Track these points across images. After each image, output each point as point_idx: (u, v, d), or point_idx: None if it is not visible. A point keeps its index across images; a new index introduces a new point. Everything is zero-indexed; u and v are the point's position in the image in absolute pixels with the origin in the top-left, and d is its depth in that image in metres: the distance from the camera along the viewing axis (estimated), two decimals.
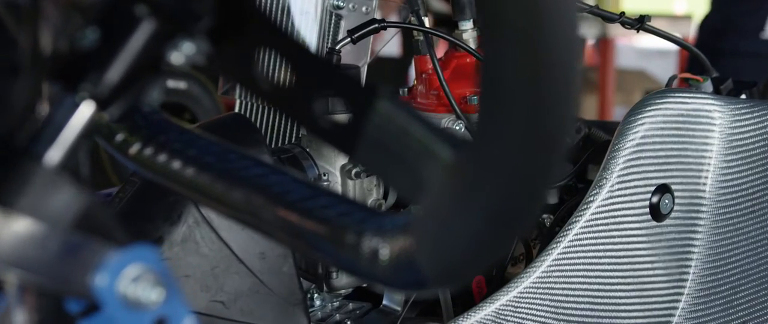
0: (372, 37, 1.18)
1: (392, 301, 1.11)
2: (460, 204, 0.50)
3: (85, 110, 0.53)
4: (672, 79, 1.22)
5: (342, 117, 0.54)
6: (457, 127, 1.08)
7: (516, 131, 0.45)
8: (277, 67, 0.54)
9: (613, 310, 1.06)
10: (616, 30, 3.79)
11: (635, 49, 7.18)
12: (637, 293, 1.07)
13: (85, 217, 0.54)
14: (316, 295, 1.11)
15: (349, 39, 1.07)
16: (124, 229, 0.92)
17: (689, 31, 3.49)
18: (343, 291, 1.09)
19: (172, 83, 2.33)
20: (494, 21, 0.44)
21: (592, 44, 4.88)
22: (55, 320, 0.60)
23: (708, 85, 1.22)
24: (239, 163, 0.65)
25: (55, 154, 0.53)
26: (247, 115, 1.23)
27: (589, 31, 3.96)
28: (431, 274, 0.55)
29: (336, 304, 1.12)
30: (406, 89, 1.18)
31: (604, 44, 3.71)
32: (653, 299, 1.08)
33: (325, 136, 0.55)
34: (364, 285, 1.09)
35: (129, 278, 0.52)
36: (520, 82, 0.44)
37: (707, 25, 2.76)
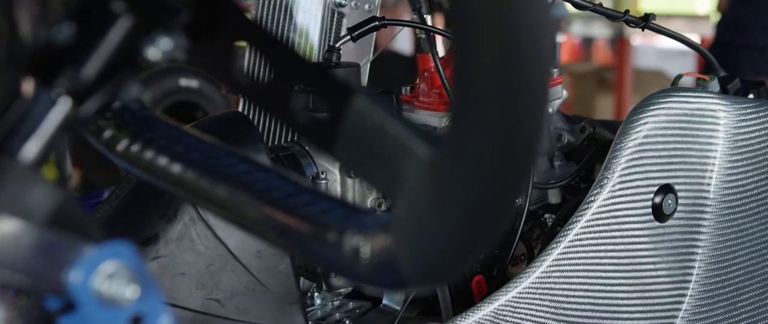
0: (375, 34, 1.17)
1: (392, 300, 1.10)
2: (434, 203, 0.49)
3: (62, 106, 0.53)
4: (678, 78, 1.20)
5: (321, 114, 0.53)
6: None
7: (486, 130, 0.45)
8: (255, 62, 0.54)
9: (615, 311, 1.05)
10: (634, 30, 3.76)
11: (656, 49, 7.14)
12: (639, 295, 1.06)
13: (60, 213, 0.53)
14: (316, 294, 1.11)
15: (348, 37, 1.06)
16: (119, 227, 0.92)
17: (709, 31, 3.47)
18: (342, 290, 1.08)
19: (184, 81, 2.34)
20: (464, 18, 0.43)
21: (608, 44, 4.86)
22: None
23: (715, 85, 1.21)
24: (225, 160, 0.64)
25: (31, 150, 0.53)
26: (251, 112, 1.22)
27: (605, 30, 3.94)
28: (410, 273, 0.55)
29: (336, 303, 1.11)
30: (409, 87, 1.17)
31: (621, 44, 3.69)
32: (656, 301, 1.07)
33: (303, 133, 0.54)
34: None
35: (104, 275, 0.52)
36: (491, 80, 0.44)
37: (725, 21, 2.75)
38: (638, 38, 4.88)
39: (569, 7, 1.17)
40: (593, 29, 4.49)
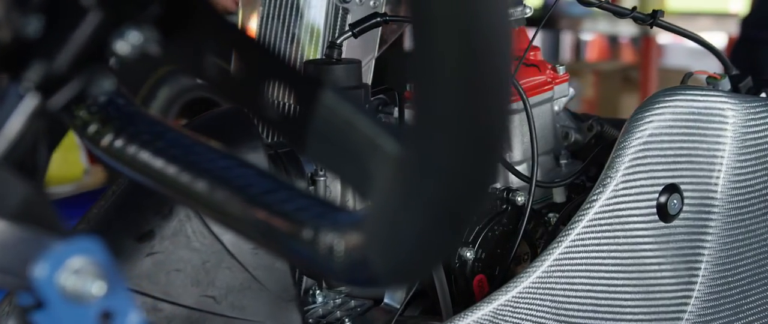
0: (380, 30, 1.17)
1: (393, 299, 1.09)
2: (400, 201, 0.49)
3: (30, 100, 0.52)
4: (687, 76, 1.18)
5: (291, 109, 0.52)
6: None
7: (447, 126, 0.44)
8: (226, 57, 0.53)
9: (618, 313, 1.03)
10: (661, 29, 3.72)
11: (685, 48, 7.06)
12: (643, 296, 1.05)
13: (27, 208, 0.53)
14: (318, 292, 1.10)
15: (350, 33, 1.06)
16: (114, 223, 0.92)
17: (735, 29, 3.43)
18: (343, 288, 1.07)
19: None
20: (420, 12, 0.42)
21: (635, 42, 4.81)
22: None
23: (725, 83, 1.19)
24: (205, 156, 0.64)
25: None
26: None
27: (631, 29, 3.91)
28: (381, 271, 0.54)
29: (338, 301, 1.10)
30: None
31: (646, 43, 3.65)
32: (660, 302, 1.06)
33: (275, 128, 0.54)
34: None
35: (70, 270, 0.52)
36: (448, 76, 0.43)
37: (750, 17, 2.73)
38: (667, 37, 4.83)
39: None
40: (619, 27, 4.46)
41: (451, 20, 0.42)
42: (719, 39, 4.13)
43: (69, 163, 2.21)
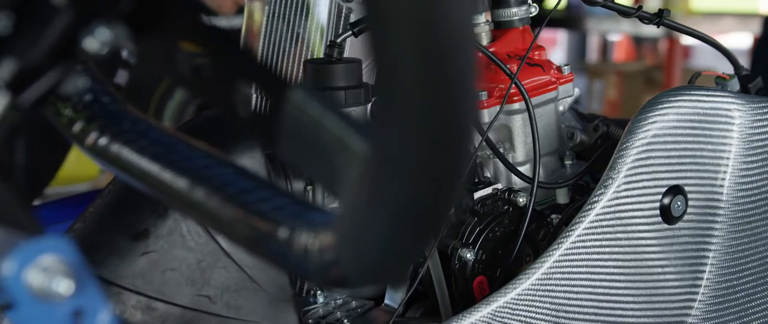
0: None
1: (393, 299, 1.09)
2: (367, 201, 0.48)
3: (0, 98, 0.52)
4: (695, 76, 1.17)
5: (262, 108, 0.52)
6: None
7: (406, 127, 0.43)
8: (197, 55, 0.53)
9: (620, 316, 1.02)
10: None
11: (713, 49, 7.00)
12: (646, 299, 1.03)
13: None
14: (318, 292, 1.10)
15: (350, 32, 1.05)
16: (110, 222, 0.92)
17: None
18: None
19: None
20: (378, 11, 0.41)
21: (662, 42, 4.77)
22: None
23: (734, 84, 1.17)
24: (187, 154, 0.64)
25: None
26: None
27: (657, 29, 3.87)
28: (352, 272, 0.53)
29: (339, 301, 1.10)
30: None
31: (670, 43, 3.62)
32: (663, 306, 1.04)
33: (246, 127, 0.53)
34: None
35: (38, 269, 0.51)
36: (408, 75, 0.42)
37: None
38: (693, 38, 4.77)
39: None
40: (646, 28, 4.42)
41: (412, 19, 0.41)
42: (744, 39, 4.08)
43: (84, 162, 2.22)
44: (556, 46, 8.04)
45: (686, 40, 3.98)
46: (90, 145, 0.69)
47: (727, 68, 1.20)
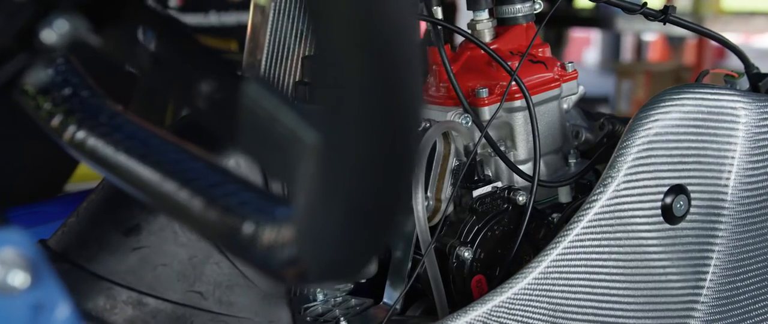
0: None
1: (391, 298, 1.08)
2: (318, 196, 0.47)
3: None
4: (703, 74, 1.15)
5: (220, 100, 0.51)
6: (464, 121, 1.05)
7: (351, 119, 0.42)
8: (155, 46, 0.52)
9: (620, 316, 1.00)
10: (718, 30, 3.63)
11: (752, 49, 6.93)
12: (647, 299, 1.01)
13: None
14: (318, 290, 1.09)
15: None
16: (102, 217, 0.92)
17: None
18: (341, 286, 1.06)
19: None
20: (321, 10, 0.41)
21: (695, 43, 4.72)
22: None
23: (744, 82, 1.15)
24: (159, 148, 0.63)
25: None
26: None
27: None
28: (312, 268, 0.53)
29: (338, 299, 1.09)
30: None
31: (700, 43, 3.58)
32: (665, 307, 1.02)
33: (204, 120, 0.53)
34: (362, 281, 1.06)
35: None
36: (350, 66, 0.41)
37: None
38: (734, 37, 4.72)
39: None
40: (678, 28, 4.37)
41: (349, 4, 0.40)
42: None
43: None
44: (589, 46, 8.01)
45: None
46: (68, 140, 0.69)
47: (763, 69, 1.17)
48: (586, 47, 8.00)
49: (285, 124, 0.49)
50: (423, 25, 1.06)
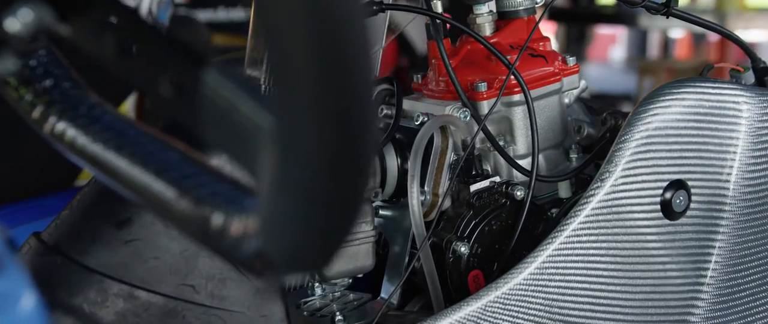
0: (387, 20, 1.14)
1: (389, 292, 1.07)
2: (276, 186, 0.47)
3: None
4: (707, 69, 1.13)
5: (183, 90, 0.51)
6: (462, 116, 1.04)
7: (301, 107, 0.42)
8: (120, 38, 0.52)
9: (618, 313, 0.99)
10: (741, 26, 3.61)
11: None
12: (646, 297, 1.00)
13: None
14: (316, 285, 1.09)
15: None
16: (94, 210, 0.91)
17: None
18: (338, 281, 1.06)
19: None
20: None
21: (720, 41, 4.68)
22: None
23: (749, 76, 1.14)
24: (136, 139, 0.63)
25: None
26: None
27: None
28: (276, 259, 0.52)
29: (337, 294, 1.09)
30: (420, 75, 1.14)
31: (722, 41, 3.54)
32: (665, 303, 1.01)
33: (169, 110, 0.52)
34: (360, 275, 1.06)
35: None
36: (299, 53, 0.40)
37: None
38: (757, 35, 4.67)
39: None
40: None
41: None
42: None
43: None
44: (615, 43, 7.96)
45: (747, 37, 3.88)
46: (49, 131, 0.69)
47: None
48: (613, 45, 7.95)
49: (245, 112, 0.48)
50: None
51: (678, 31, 6.71)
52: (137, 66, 0.52)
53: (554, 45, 1.16)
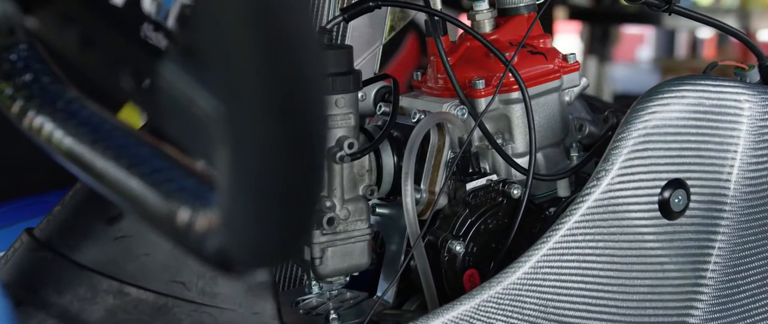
0: (388, 16, 1.14)
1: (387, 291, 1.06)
2: (230, 180, 0.46)
3: None
4: (711, 66, 1.12)
5: (143, 83, 0.51)
6: (459, 113, 1.03)
7: (244, 97, 0.41)
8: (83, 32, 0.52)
9: (614, 314, 0.98)
10: (760, 26, 3.58)
11: None
12: (644, 297, 0.99)
13: None
14: (313, 283, 1.08)
15: (340, 18, 1.03)
16: (85, 206, 0.92)
17: None
18: (334, 279, 1.05)
19: None
20: None
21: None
22: None
23: (754, 74, 1.12)
24: (110, 134, 0.63)
25: None
26: None
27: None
28: (237, 255, 0.52)
29: (334, 292, 1.08)
30: (420, 72, 1.13)
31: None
32: (663, 304, 1.00)
33: (133, 102, 0.52)
34: (356, 274, 1.05)
35: None
36: (237, 39, 0.40)
37: None
38: None
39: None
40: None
41: None
42: None
43: None
44: (643, 43, 7.90)
45: (764, 36, 3.85)
46: (27, 126, 0.69)
47: None
48: (640, 45, 7.90)
49: (201, 105, 0.48)
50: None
51: (706, 31, 6.66)
52: (98, 59, 0.51)
53: (578, 45, 1.15)
